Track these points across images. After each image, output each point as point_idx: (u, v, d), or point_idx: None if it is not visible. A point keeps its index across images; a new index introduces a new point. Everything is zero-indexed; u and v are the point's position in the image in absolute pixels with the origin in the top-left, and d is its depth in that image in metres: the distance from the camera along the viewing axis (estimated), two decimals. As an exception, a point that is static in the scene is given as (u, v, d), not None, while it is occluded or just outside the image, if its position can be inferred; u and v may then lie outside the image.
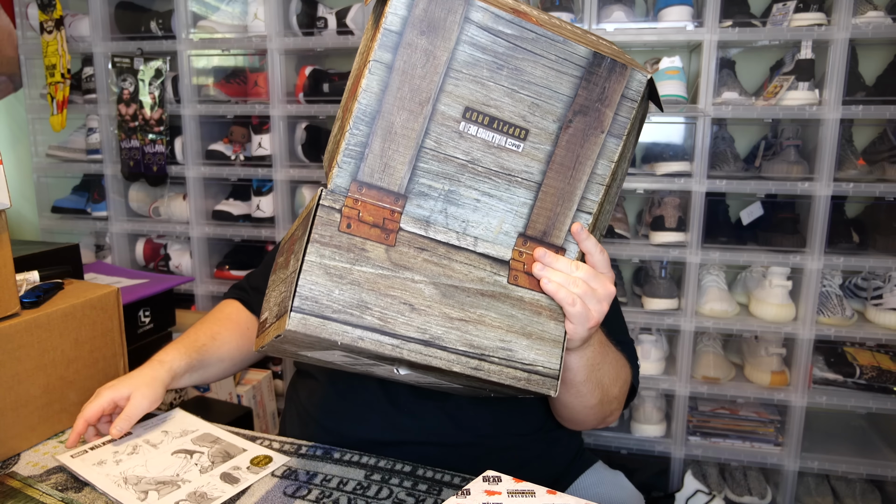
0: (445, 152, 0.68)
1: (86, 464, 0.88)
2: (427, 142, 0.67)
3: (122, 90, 2.05)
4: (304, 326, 0.63)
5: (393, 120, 0.65)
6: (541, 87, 0.69)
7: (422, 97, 0.66)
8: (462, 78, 0.66)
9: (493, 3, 0.66)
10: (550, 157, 0.71)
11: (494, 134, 0.69)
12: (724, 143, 1.83)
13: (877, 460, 1.77)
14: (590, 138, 0.71)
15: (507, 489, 0.74)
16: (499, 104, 0.68)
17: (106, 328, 1.10)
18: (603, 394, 0.88)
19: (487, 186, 0.70)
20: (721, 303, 1.79)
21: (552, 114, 0.70)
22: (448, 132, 0.68)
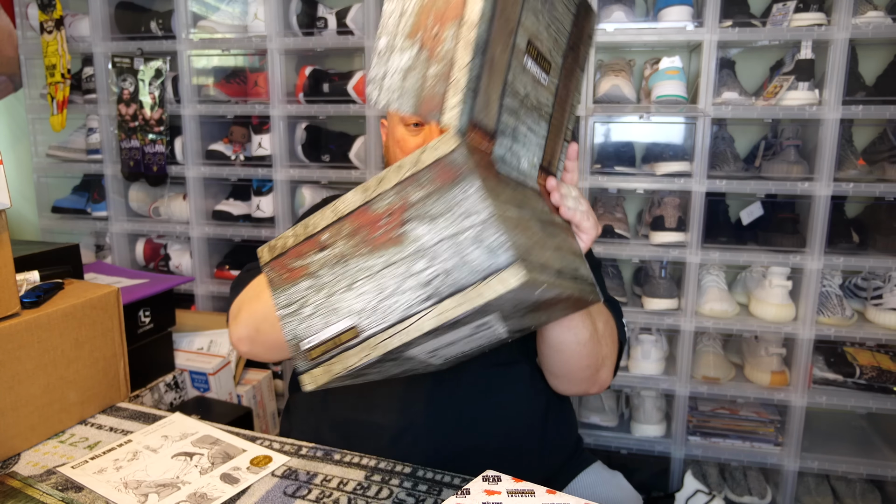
0: (515, 87, 0.65)
1: (86, 473, 0.88)
2: (508, 76, 0.63)
3: (122, 90, 2.05)
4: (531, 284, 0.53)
5: (494, 52, 0.59)
6: (560, 22, 0.72)
7: (510, 27, 0.61)
8: (528, 8, 0.65)
9: None
10: (557, 91, 0.75)
11: (538, 68, 0.70)
12: (724, 143, 1.83)
13: (877, 460, 1.77)
14: (574, 72, 0.78)
15: (506, 489, 0.74)
16: (542, 38, 0.69)
17: (106, 328, 1.10)
18: (593, 326, 0.89)
19: (531, 121, 0.71)
20: (721, 303, 1.79)
21: (561, 49, 0.74)
22: (518, 66, 0.65)
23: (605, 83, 1.77)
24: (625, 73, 1.80)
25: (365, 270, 0.57)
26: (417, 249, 0.56)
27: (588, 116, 1.76)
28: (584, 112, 1.76)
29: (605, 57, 1.93)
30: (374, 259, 0.57)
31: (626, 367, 1.88)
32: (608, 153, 1.90)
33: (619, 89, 1.74)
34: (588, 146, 1.78)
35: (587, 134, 1.77)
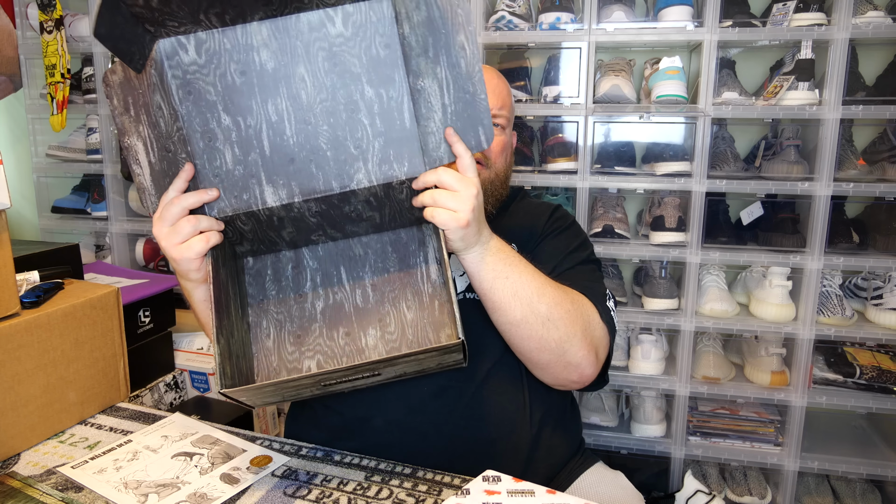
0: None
1: (86, 473, 0.88)
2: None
3: (122, 90, 2.04)
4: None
5: None
6: None
7: None
8: None
9: None
10: None
11: None
12: (724, 143, 1.83)
13: (877, 460, 1.77)
14: None
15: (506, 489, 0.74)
16: None
17: (106, 328, 1.10)
18: (526, 309, 0.87)
19: None
20: (721, 303, 1.79)
21: None
22: None
23: (605, 83, 1.77)
24: (625, 73, 1.80)
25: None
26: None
27: (588, 116, 1.76)
28: (584, 112, 1.76)
29: (605, 57, 1.93)
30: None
31: (626, 367, 1.88)
32: (608, 153, 1.90)
33: (619, 89, 1.74)
34: (588, 146, 1.78)
35: (587, 134, 1.77)
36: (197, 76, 0.79)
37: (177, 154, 0.83)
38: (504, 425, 1.00)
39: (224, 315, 0.82)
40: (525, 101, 1.83)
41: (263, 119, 0.81)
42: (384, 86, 0.80)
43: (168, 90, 0.79)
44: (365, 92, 0.80)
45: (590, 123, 1.77)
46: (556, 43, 1.83)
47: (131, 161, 0.84)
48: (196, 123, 0.81)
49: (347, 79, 0.79)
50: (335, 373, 0.73)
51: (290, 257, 0.94)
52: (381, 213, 0.89)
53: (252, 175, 0.83)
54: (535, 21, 1.80)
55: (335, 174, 0.82)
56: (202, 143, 0.82)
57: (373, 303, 0.90)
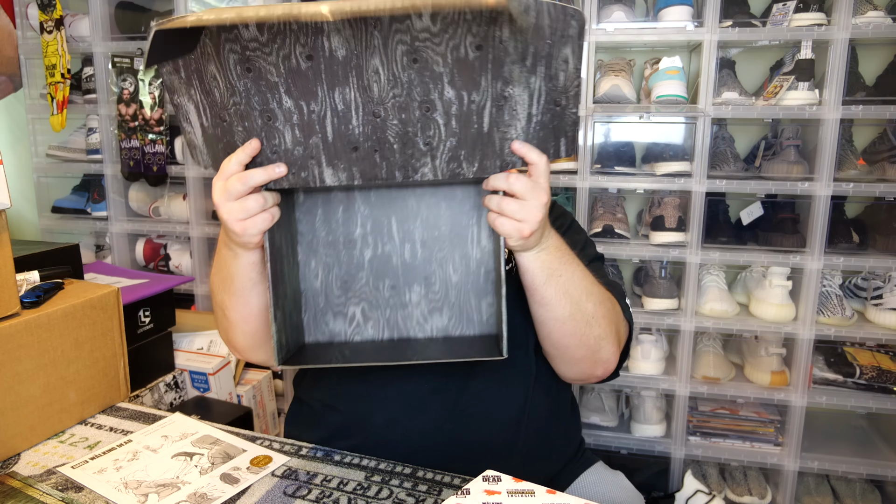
0: None
1: (86, 473, 0.88)
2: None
3: (122, 90, 2.05)
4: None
5: None
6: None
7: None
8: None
9: None
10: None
11: None
12: (724, 143, 1.83)
13: (877, 460, 1.77)
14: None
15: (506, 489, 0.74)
16: None
17: (106, 328, 1.10)
18: (573, 307, 0.86)
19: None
20: (721, 303, 1.79)
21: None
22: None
23: (605, 83, 1.77)
24: (625, 73, 1.80)
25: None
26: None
27: (588, 116, 1.76)
28: (584, 112, 1.76)
29: (605, 57, 1.93)
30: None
31: (627, 366, 1.88)
32: (608, 153, 1.90)
33: (619, 89, 1.74)
34: (588, 146, 1.78)
35: (587, 134, 1.77)
36: (258, 54, 0.71)
37: (232, 125, 0.77)
38: (504, 423, 1.00)
39: (280, 285, 0.82)
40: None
41: (328, 107, 0.74)
42: (467, 89, 0.72)
43: (225, 64, 0.73)
44: (445, 93, 0.72)
45: (590, 123, 1.77)
46: (556, 43, 1.83)
47: (181, 117, 0.78)
48: (255, 102, 0.75)
49: (427, 77, 0.72)
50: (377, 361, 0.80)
51: (341, 198, 0.91)
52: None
53: (312, 156, 0.78)
54: (535, 21, 1.80)
55: (399, 165, 0.78)
56: (260, 122, 0.76)
57: (420, 260, 0.91)
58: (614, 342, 0.93)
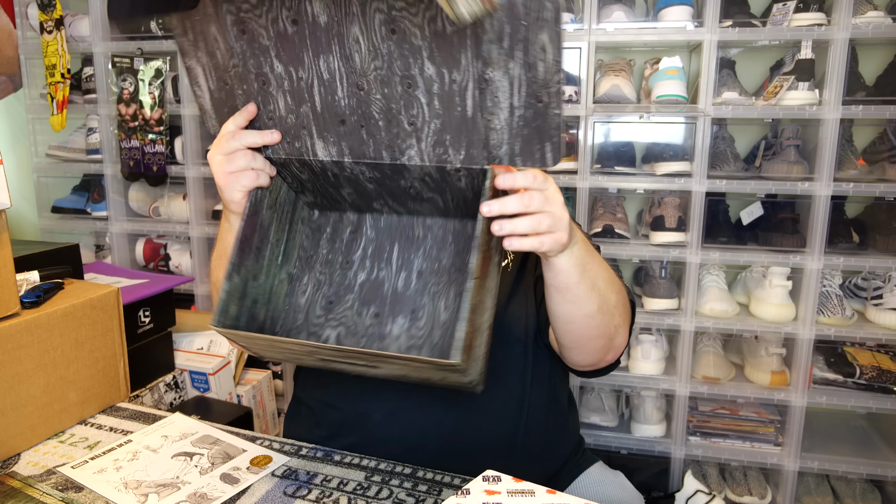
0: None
1: (86, 473, 0.88)
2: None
3: (122, 90, 2.05)
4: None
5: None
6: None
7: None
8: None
9: None
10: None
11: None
12: (724, 143, 1.83)
13: (877, 460, 1.77)
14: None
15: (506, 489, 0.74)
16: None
17: (106, 328, 1.10)
18: (601, 300, 0.85)
19: None
20: (721, 303, 1.79)
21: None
22: None
23: (605, 83, 1.77)
24: (625, 73, 1.80)
25: (487, 292, 0.77)
26: (495, 250, 0.78)
27: (588, 116, 1.76)
28: (584, 112, 1.76)
29: (605, 57, 1.93)
30: (489, 281, 0.77)
31: (626, 367, 1.88)
32: (608, 153, 1.90)
33: (619, 89, 1.74)
34: (588, 146, 1.78)
35: (587, 134, 1.77)
36: (250, 16, 0.74)
37: (233, 88, 0.81)
38: (503, 421, 1.00)
39: (249, 254, 0.81)
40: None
41: (315, 75, 0.76)
42: (447, 66, 0.71)
43: (224, 25, 0.76)
44: (425, 68, 0.72)
45: (590, 123, 1.77)
46: (556, 43, 1.83)
47: (192, 83, 0.82)
48: (251, 65, 0.78)
49: (406, 50, 0.71)
50: (325, 350, 0.71)
51: (352, 220, 0.92)
52: (442, 196, 0.83)
53: (303, 126, 0.80)
54: (535, 21, 1.80)
55: (386, 145, 0.78)
56: (256, 85, 0.79)
57: (412, 291, 0.87)
58: (627, 327, 0.94)
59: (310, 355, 0.76)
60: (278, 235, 0.88)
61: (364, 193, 0.88)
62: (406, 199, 0.87)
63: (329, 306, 0.89)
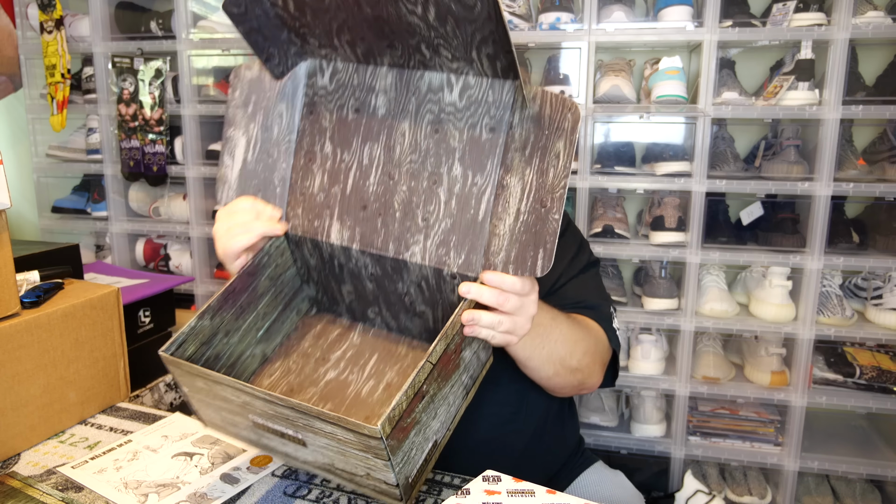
0: None
1: (86, 473, 0.88)
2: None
3: (122, 90, 2.05)
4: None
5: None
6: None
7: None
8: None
9: None
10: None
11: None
12: (724, 143, 1.83)
13: (877, 460, 1.77)
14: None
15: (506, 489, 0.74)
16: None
17: (106, 328, 1.10)
18: (558, 366, 0.88)
19: None
20: (721, 303, 1.79)
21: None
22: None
23: (605, 83, 1.77)
24: (625, 73, 1.80)
25: (442, 398, 0.72)
26: (465, 367, 0.75)
27: (588, 116, 1.76)
28: (584, 112, 1.76)
29: (605, 57, 1.93)
30: (447, 387, 0.72)
31: (626, 367, 1.88)
32: (608, 153, 1.90)
33: (619, 89, 1.74)
34: (588, 146, 1.78)
35: (587, 134, 1.77)
36: (322, 100, 0.83)
37: (277, 162, 0.86)
38: (502, 422, 1.00)
39: (231, 308, 0.82)
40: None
41: (356, 159, 0.83)
42: (473, 169, 0.77)
43: (296, 104, 0.83)
44: (454, 168, 0.78)
45: (590, 123, 1.77)
46: (556, 43, 1.83)
47: (225, 151, 0.85)
48: (305, 142, 0.85)
49: (442, 149, 0.78)
50: (258, 399, 0.68)
51: (344, 325, 0.94)
52: (433, 312, 0.86)
53: (328, 206, 0.86)
54: (535, 21, 1.80)
55: (395, 237, 0.82)
56: (302, 161, 0.85)
57: (375, 400, 0.85)
58: (599, 371, 0.96)
59: (243, 410, 0.72)
60: (267, 310, 0.89)
61: (362, 296, 0.90)
62: (400, 311, 0.89)
63: (289, 394, 0.87)
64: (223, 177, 0.86)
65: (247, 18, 0.75)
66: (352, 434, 0.63)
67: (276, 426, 0.70)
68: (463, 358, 0.76)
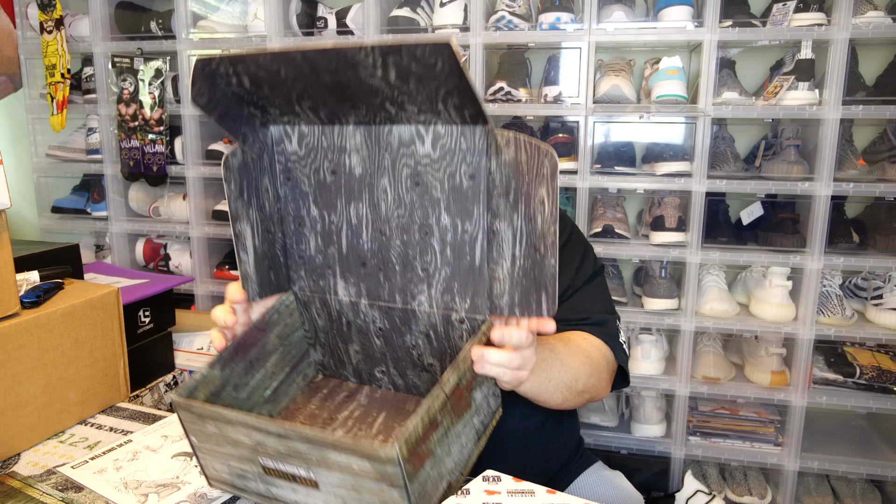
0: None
1: (86, 473, 0.88)
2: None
3: (122, 90, 2.05)
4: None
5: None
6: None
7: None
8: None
9: None
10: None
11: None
12: (724, 143, 1.83)
13: (877, 460, 1.77)
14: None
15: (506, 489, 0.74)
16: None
17: (106, 328, 1.10)
18: (566, 392, 0.90)
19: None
20: (721, 303, 1.79)
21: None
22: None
23: (605, 83, 1.77)
24: (625, 73, 1.80)
25: (455, 436, 0.72)
26: (476, 409, 0.76)
27: (588, 116, 1.76)
28: (584, 112, 1.76)
29: (605, 57, 1.93)
30: (459, 425, 0.73)
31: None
32: (608, 153, 1.90)
33: (619, 89, 1.74)
34: (588, 146, 1.78)
35: (587, 134, 1.77)
36: (296, 165, 0.84)
37: (275, 234, 0.88)
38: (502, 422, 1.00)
39: (240, 362, 0.83)
40: (525, 100, 1.83)
41: (345, 219, 0.84)
42: (461, 217, 0.78)
43: (274, 172, 0.85)
44: (441, 218, 0.79)
45: (590, 123, 1.77)
46: (556, 43, 1.83)
47: (238, 248, 0.85)
48: (290, 207, 0.87)
49: (426, 201, 0.79)
50: (271, 434, 0.67)
51: (351, 388, 0.95)
52: (442, 364, 0.87)
53: (329, 266, 0.88)
54: (535, 21, 1.80)
55: (399, 289, 0.85)
56: (293, 226, 0.88)
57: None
58: (606, 385, 0.98)
59: (253, 454, 0.71)
60: (275, 369, 0.90)
61: (370, 354, 0.91)
62: (407, 367, 0.90)
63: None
64: (244, 274, 0.87)
65: (213, 105, 0.75)
66: (367, 462, 0.62)
67: (287, 467, 0.69)
68: (474, 398, 0.76)
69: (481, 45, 1.77)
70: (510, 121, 1.94)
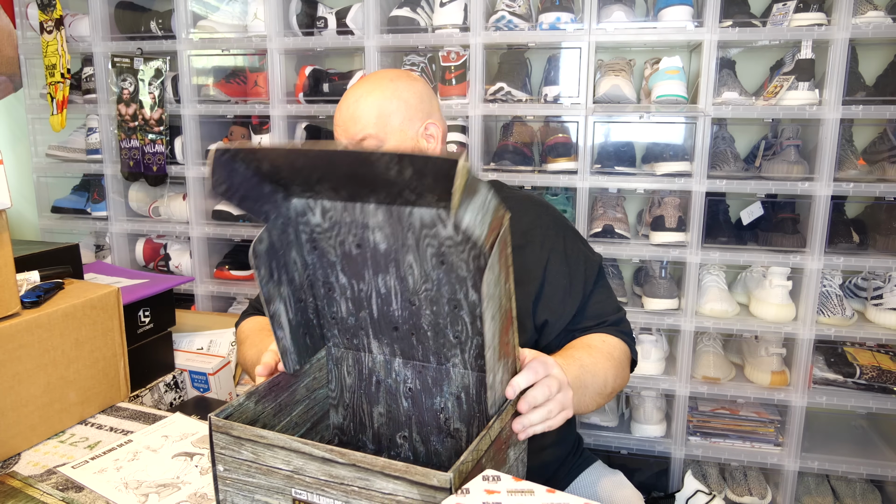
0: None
1: (87, 473, 0.88)
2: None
3: (122, 90, 2.05)
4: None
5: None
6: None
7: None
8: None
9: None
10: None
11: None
12: (724, 143, 1.83)
13: (877, 460, 1.77)
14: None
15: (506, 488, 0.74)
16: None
17: (106, 328, 1.10)
18: (598, 398, 0.95)
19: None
20: (721, 303, 1.79)
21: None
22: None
23: (605, 83, 1.77)
24: (625, 73, 1.80)
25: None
26: (509, 468, 0.78)
27: (588, 116, 1.76)
28: (584, 112, 1.76)
29: (605, 57, 1.93)
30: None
31: (626, 367, 1.88)
32: (608, 153, 1.90)
33: (619, 89, 1.74)
34: (588, 146, 1.78)
35: (587, 134, 1.77)
36: (322, 236, 0.85)
37: (306, 301, 0.89)
38: None
39: (271, 402, 0.83)
40: (525, 100, 1.83)
41: (374, 289, 0.86)
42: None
43: (300, 243, 0.86)
44: (469, 295, 0.80)
45: (590, 123, 1.77)
46: (556, 43, 1.83)
47: (275, 326, 0.85)
48: (319, 274, 0.88)
49: (453, 279, 0.80)
50: (311, 451, 0.67)
51: (371, 451, 0.94)
52: (469, 429, 0.88)
53: (361, 328, 0.89)
54: (535, 21, 1.80)
55: (433, 351, 0.86)
56: (323, 291, 0.89)
57: None
58: (627, 377, 1.04)
59: (287, 485, 0.70)
60: (299, 422, 0.91)
61: (395, 417, 0.92)
62: (432, 432, 0.91)
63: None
64: (283, 349, 0.87)
65: (233, 191, 0.75)
66: (416, 489, 0.62)
67: (322, 500, 0.68)
68: (508, 456, 0.78)
69: (481, 45, 1.77)
70: (510, 120, 1.94)
